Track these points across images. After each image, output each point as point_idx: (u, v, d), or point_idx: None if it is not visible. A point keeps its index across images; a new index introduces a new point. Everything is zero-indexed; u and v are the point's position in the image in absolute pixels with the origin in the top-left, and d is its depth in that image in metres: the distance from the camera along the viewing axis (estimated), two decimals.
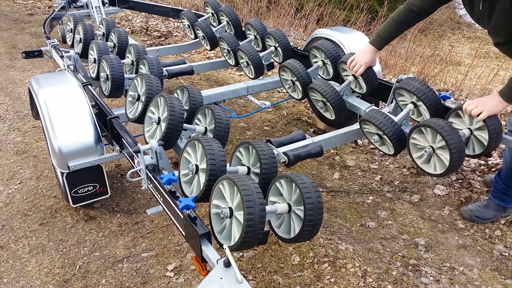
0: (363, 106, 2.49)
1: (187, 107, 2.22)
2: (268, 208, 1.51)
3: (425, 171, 2.03)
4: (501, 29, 2.01)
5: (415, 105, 2.22)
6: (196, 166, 1.74)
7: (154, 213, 1.91)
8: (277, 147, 2.09)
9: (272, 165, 1.72)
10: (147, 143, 2.08)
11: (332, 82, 2.64)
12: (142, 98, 2.22)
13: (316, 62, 2.80)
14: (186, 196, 1.76)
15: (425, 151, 1.97)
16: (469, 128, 2.04)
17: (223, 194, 1.55)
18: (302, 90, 2.65)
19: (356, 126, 2.44)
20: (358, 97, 2.62)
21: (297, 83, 2.66)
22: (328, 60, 2.69)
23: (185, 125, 2.04)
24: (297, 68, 2.63)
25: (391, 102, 2.40)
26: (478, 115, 1.96)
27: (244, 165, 1.82)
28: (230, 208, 1.49)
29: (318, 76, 2.81)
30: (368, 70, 2.45)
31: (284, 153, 2.02)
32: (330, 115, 2.55)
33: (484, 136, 1.99)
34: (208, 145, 1.68)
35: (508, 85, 1.93)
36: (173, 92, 2.36)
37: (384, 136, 2.14)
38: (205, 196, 1.67)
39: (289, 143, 2.16)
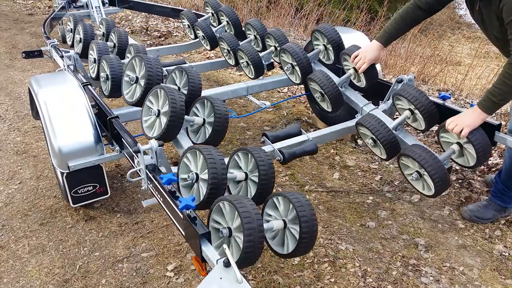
0: (361, 103, 2.51)
1: (185, 91, 2.19)
2: (266, 226, 1.55)
3: (417, 189, 2.11)
4: (491, 33, 2.07)
5: (412, 112, 2.26)
6: (197, 174, 1.74)
7: (150, 204, 1.91)
8: (273, 142, 2.12)
9: (270, 175, 1.75)
10: (146, 135, 2.07)
11: (331, 74, 2.67)
12: (141, 82, 2.19)
13: (318, 46, 2.82)
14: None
15: (413, 176, 2.05)
16: (458, 143, 2.11)
17: (223, 213, 1.55)
18: (301, 75, 2.67)
19: (351, 123, 2.48)
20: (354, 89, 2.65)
21: (296, 67, 2.69)
22: (330, 45, 2.71)
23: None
24: (297, 52, 2.65)
25: (388, 100, 2.42)
26: (460, 132, 2.02)
27: (241, 168, 1.84)
28: (230, 228, 1.49)
29: (318, 62, 2.84)
30: (371, 68, 2.46)
31: (280, 150, 2.05)
32: (326, 106, 2.57)
33: (472, 149, 2.04)
34: (209, 156, 1.68)
35: (486, 97, 1.98)
36: (171, 73, 2.32)
37: (378, 142, 2.19)
38: (203, 207, 1.69)
39: (285, 137, 2.20)
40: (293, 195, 1.57)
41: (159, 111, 2.04)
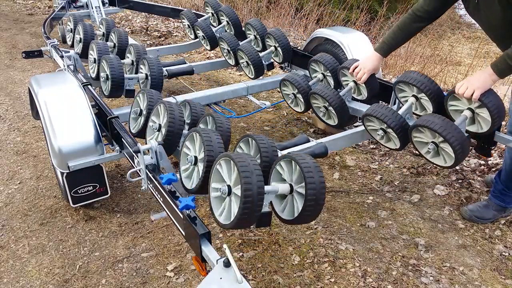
0: (365, 109, 2.49)
1: (189, 121, 2.21)
2: (269, 188, 1.53)
3: (437, 164, 2.02)
4: (491, 25, 2.03)
5: (417, 98, 2.20)
6: (195, 157, 1.75)
7: (158, 218, 1.91)
8: (280, 150, 2.09)
9: (272, 154, 1.73)
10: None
11: None
12: (144, 112, 2.21)
13: (316, 75, 2.79)
14: (186, 191, 1.77)
15: (429, 148, 1.98)
16: (470, 108, 2.01)
17: (221, 175, 1.57)
18: (304, 101, 2.64)
19: (360, 128, 2.44)
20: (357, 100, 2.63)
21: (298, 95, 2.66)
22: (328, 71, 2.68)
23: (185, 131, 2.04)
24: (298, 80, 2.63)
25: (394, 104, 2.41)
26: (471, 95, 1.92)
27: None
28: (229, 186, 1.51)
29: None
30: (371, 78, 2.44)
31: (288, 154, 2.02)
32: (332, 121, 2.55)
33: (486, 113, 1.95)
34: (205, 134, 1.69)
35: (502, 58, 1.88)
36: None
37: (389, 130, 2.13)
38: (203, 186, 1.69)
39: (292, 147, 2.15)
40: (295, 154, 1.55)
41: (160, 125, 2.05)
